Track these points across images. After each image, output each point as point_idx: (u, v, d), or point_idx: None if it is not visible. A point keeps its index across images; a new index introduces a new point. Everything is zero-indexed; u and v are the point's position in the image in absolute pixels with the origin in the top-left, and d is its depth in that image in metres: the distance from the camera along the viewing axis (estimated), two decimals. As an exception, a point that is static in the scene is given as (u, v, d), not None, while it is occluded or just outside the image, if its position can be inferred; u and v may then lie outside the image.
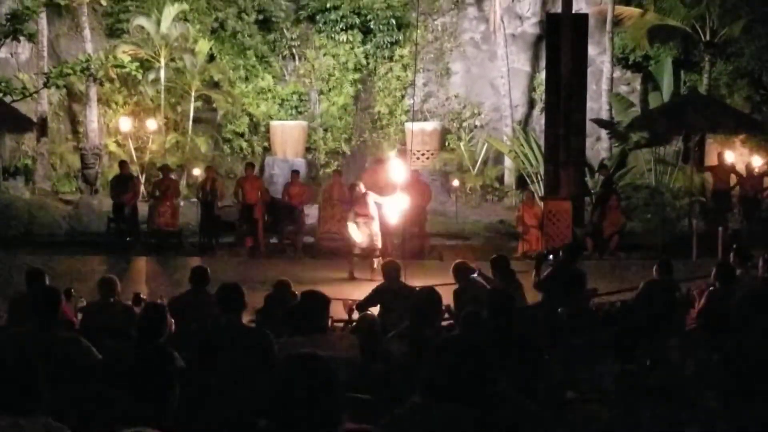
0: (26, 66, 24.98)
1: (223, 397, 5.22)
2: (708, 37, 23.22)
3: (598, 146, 24.45)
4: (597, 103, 23.95)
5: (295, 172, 19.66)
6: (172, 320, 7.19)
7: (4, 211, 20.35)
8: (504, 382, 4.04)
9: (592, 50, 20.86)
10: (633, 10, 24.35)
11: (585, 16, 18.05)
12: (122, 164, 19.71)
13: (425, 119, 26.76)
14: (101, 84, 24.29)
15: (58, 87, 23.61)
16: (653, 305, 8.73)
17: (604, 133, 24.01)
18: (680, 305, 9.13)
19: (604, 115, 24.10)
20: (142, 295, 9.39)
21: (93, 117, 24.74)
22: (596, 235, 17.81)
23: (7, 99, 21.83)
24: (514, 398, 4.02)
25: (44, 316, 5.79)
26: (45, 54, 23.91)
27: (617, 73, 25.31)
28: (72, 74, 22.73)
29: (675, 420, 4.85)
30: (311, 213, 19.40)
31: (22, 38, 22.64)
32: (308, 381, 3.44)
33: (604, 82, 24.48)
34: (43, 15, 23.45)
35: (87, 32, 24.66)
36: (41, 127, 23.69)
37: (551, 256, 11.28)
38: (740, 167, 19.75)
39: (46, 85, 22.92)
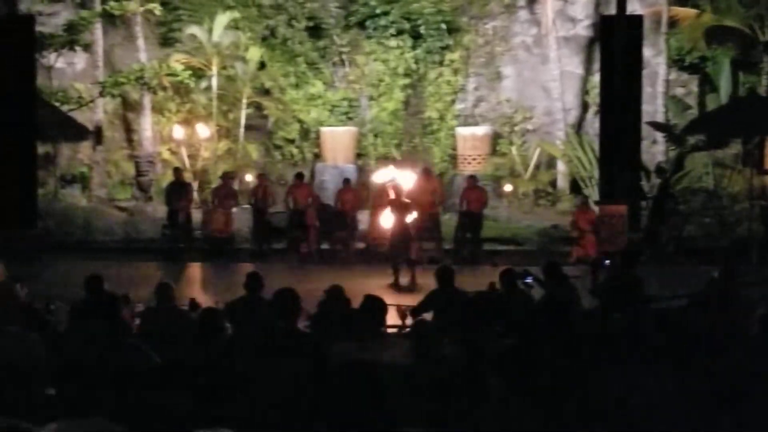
0: (82, 75, 25.36)
1: (279, 401, 5.21)
2: (767, 38, 22.84)
3: (654, 149, 24.13)
4: (652, 106, 23.63)
5: (346, 180, 19.80)
6: (229, 325, 7.22)
7: (61, 218, 20.66)
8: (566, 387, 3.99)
9: (647, 52, 20.55)
10: (689, 11, 24.02)
11: (639, 18, 17.69)
12: (176, 171, 19.93)
13: (476, 124, 26.64)
14: (155, 92, 24.55)
15: (113, 96, 23.96)
16: (713, 311, 8.59)
17: (660, 136, 23.70)
18: (740, 311, 8.96)
19: (660, 118, 23.79)
20: (197, 301, 9.45)
21: (147, 125, 25.04)
22: (653, 240, 17.57)
23: (64, 108, 22.22)
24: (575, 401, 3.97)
25: (104, 321, 5.84)
26: (100, 63, 24.25)
27: (673, 75, 24.97)
28: (126, 83, 23.05)
29: (733, 427, 4.76)
30: (363, 219, 19.43)
31: (78, 48, 23.06)
32: (363, 388, 3.42)
33: (659, 85, 24.17)
34: (99, 25, 23.80)
35: (141, 42, 24.96)
36: (97, 135, 24.03)
37: (607, 262, 11.17)
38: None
39: (101, 94, 23.27)
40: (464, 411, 4.64)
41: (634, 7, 22.42)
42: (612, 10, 19.44)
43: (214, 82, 25.08)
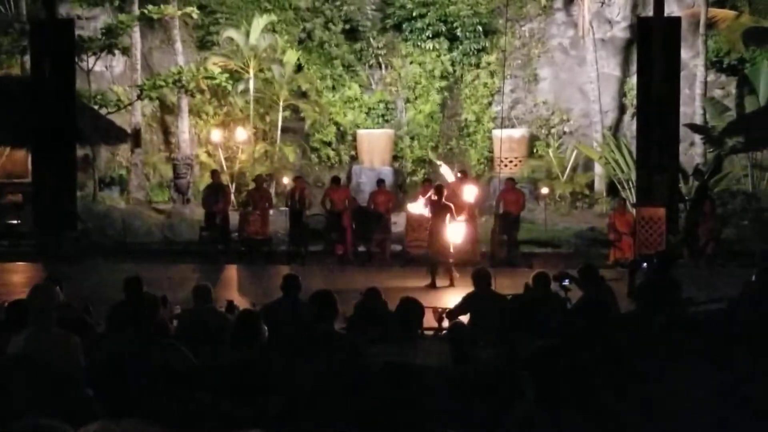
0: (121, 79, 25.62)
1: (315, 403, 5.22)
2: (806, 39, 22.59)
3: (692, 151, 23.95)
4: (690, 108, 23.46)
5: (380, 181, 19.78)
6: (266, 327, 7.25)
7: (100, 220, 20.86)
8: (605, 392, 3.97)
9: (684, 54, 20.39)
10: (727, 13, 23.81)
11: (677, 20, 17.67)
12: (213, 173, 20.03)
13: (513, 126, 26.55)
14: (192, 95, 24.74)
15: (151, 99, 24.18)
16: (753, 313, 8.49)
17: (698, 138, 23.51)
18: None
19: (698, 120, 23.60)
20: (235, 303, 9.50)
21: (184, 128, 25.23)
22: (691, 243, 17.43)
23: (103, 111, 22.45)
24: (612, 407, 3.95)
25: (142, 323, 5.88)
26: (138, 67, 24.47)
27: (711, 77, 24.76)
28: (164, 86, 23.24)
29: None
30: (398, 221, 19.43)
31: (116, 52, 23.27)
32: (401, 391, 3.42)
33: (697, 87, 23.98)
34: (137, 29, 24.01)
35: (178, 45, 25.18)
36: (135, 138, 24.24)
37: (645, 264, 11.08)
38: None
39: (139, 97, 23.47)
40: (500, 414, 4.63)
41: (671, 9, 22.27)
42: (649, 11, 19.36)
43: (251, 85, 25.24)
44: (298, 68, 26.36)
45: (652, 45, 16.08)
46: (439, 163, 24.44)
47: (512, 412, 3.70)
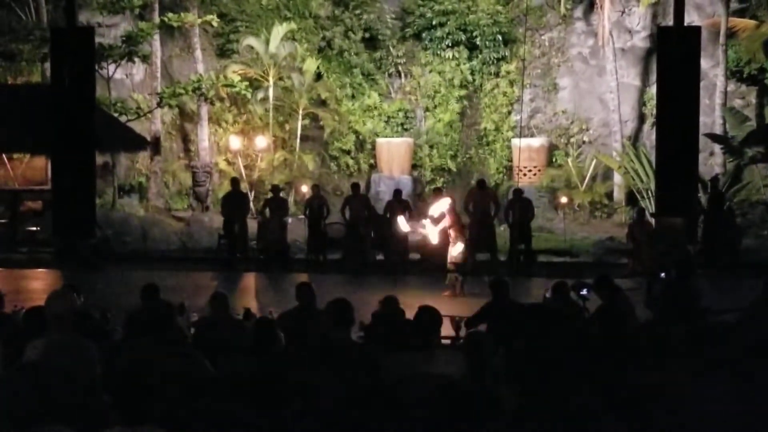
0: (140, 86, 25.72)
1: (331, 412, 5.21)
2: (827, 48, 22.45)
3: (712, 161, 23.84)
4: (710, 118, 23.34)
5: (397, 192, 19.52)
6: (282, 335, 7.24)
7: (119, 227, 20.94)
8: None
9: (704, 63, 20.24)
10: (748, 22, 23.70)
11: (697, 29, 17.48)
12: (233, 181, 20.06)
13: (532, 135, 26.52)
14: (212, 103, 24.82)
15: (170, 107, 24.24)
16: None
17: (717, 148, 23.40)
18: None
19: (718, 130, 23.49)
20: (252, 311, 9.50)
21: (204, 135, 25.31)
22: (709, 252, 17.32)
23: (123, 119, 22.53)
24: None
25: (160, 330, 5.89)
26: (158, 74, 24.57)
27: (731, 87, 24.64)
28: (184, 94, 23.32)
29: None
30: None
31: (136, 59, 23.36)
32: (423, 401, 3.41)
33: (717, 96, 23.87)
34: (157, 37, 24.12)
35: (198, 53, 25.27)
36: (155, 145, 24.33)
37: (663, 274, 11.00)
38: None
39: (159, 105, 23.56)
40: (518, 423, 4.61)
41: (691, 18, 22.21)
42: (669, 21, 19.24)
43: (271, 93, 25.30)
44: (318, 76, 26.42)
45: (671, 54, 16.02)
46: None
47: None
